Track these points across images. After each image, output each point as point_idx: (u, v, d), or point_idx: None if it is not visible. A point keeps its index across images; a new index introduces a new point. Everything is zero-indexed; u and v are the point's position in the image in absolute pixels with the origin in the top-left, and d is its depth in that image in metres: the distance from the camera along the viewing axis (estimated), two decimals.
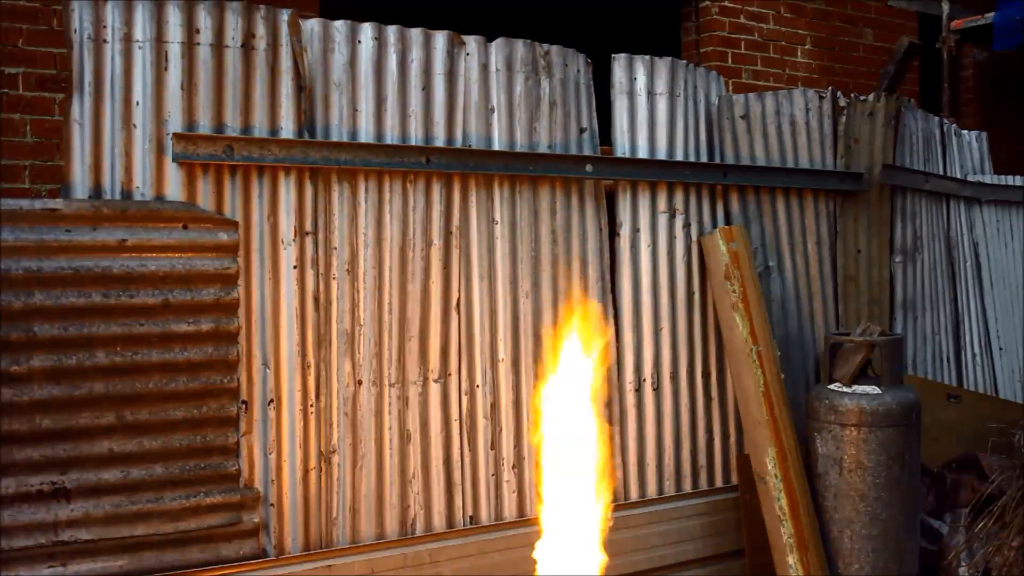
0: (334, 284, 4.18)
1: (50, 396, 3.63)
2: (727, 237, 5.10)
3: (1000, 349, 7.15)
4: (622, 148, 5.00)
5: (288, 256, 4.09)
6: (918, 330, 6.40)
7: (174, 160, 3.88)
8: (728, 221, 5.34)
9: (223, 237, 3.93)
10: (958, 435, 5.86)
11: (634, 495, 4.92)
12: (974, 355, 6.93)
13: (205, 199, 3.93)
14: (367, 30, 4.30)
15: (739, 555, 5.10)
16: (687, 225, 5.18)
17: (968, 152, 7.08)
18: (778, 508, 4.88)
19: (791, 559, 4.83)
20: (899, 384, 5.18)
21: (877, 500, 4.97)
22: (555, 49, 4.76)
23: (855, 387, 5.07)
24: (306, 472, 4.09)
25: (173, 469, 3.85)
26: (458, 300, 4.49)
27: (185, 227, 3.86)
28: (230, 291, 3.94)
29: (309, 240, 4.14)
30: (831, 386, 5.15)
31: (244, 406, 3.98)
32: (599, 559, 3.10)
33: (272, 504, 4.02)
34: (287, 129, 4.11)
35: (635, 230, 5.01)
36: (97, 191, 3.80)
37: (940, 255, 6.65)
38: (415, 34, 4.40)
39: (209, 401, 3.92)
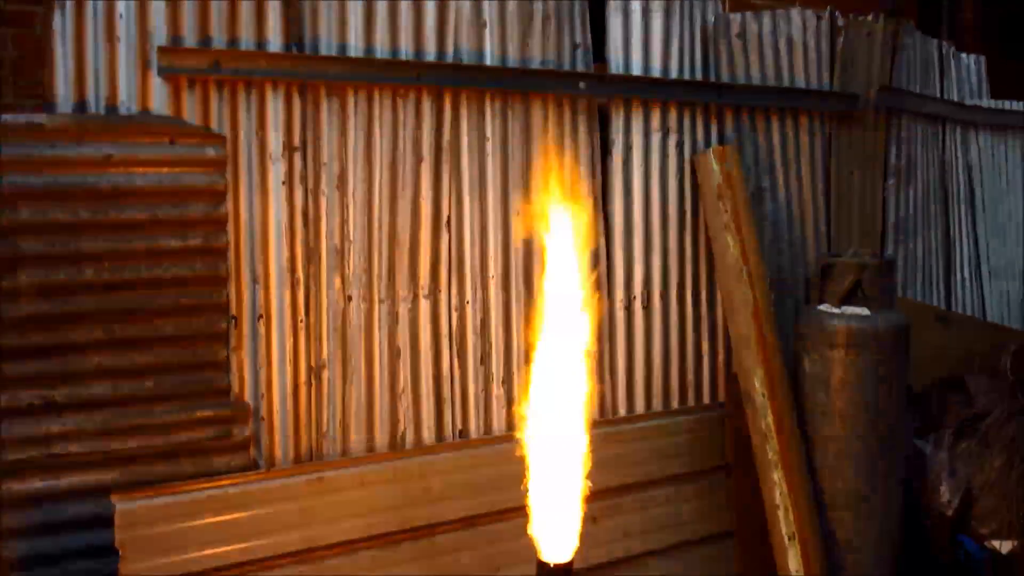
0: (323, 200, 4.17)
1: (39, 312, 3.63)
2: (720, 157, 5.07)
3: (990, 273, 7.17)
4: (616, 65, 4.95)
5: (276, 171, 4.06)
6: (909, 253, 6.41)
7: (159, 74, 3.83)
8: (722, 141, 5.31)
9: (210, 152, 3.91)
10: (946, 357, 5.90)
11: (622, 411, 4.97)
12: (964, 279, 6.96)
13: (192, 114, 3.89)
14: None
15: (725, 471, 5.16)
16: (680, 144, 5.15)
17: (966, 76, 7.02)
18: (764, 426, 4.93)
19: (776, 476, 4.89)
20: (888, 306, 5.20)
21: (863, 420, 5.02)
22: None
23: (844, 308, 5.09)
24: (296, 386, 4.12)
25: (163, 384, 3.87)
26: (448, 217, 4.48)
27: (172, 142, 3.83)
28: (218, 207, 3.93)
29: (298, 156, 4.11)
30: (820, 307, 5.17)
31: (233, 321, 3.99)
32: (586, 474, 3.13)
33: (262, 418, 4.05)
34: (275, 43, 4.06)
35: (627, 148, 4.98)
36: (81, 106, 3.76)
37: (934, 179, 6.63)
38: None
39: (198, 317, 3.92)
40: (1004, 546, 5.11)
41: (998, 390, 5.52)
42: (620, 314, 4.97)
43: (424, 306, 4.42)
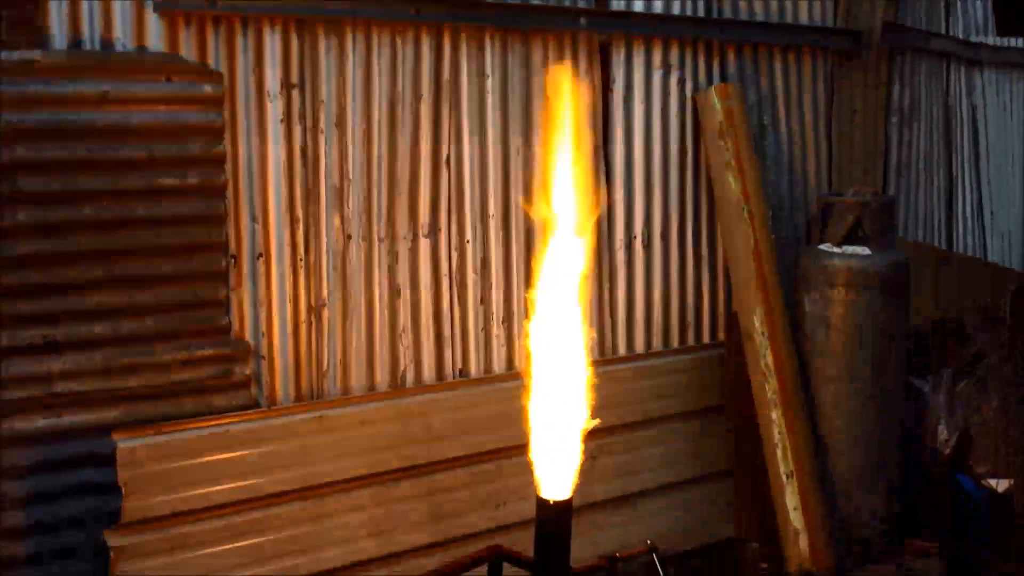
0: (321, 138, 4.13)
1: (37, 250, 3.62)
2: (722, 95, 5.03)
3: (991, 214, 7.15)
4: (617, 1, 4.88)
5: (274, 109, 4.03)
6: (911, 193, 6.38)
7: (155, 10, 3.78)
8: (724, 79, 5.26)
9: (207, 89, 3.86)
10: (945, 298, 5.89)
11: (622, 350, 4.98)
12: (965, 219, 6.93)
13: (188, 51, 3.85)
14: None
15: (724, 410, 5.19)
16: (682, 82, 5.10)
17: (972, 11, 6.93)
18: (763, 365, 4.94)
19: (775, 414, 4.91)
20: (889, 246, 5.19)
21: (862, 359, 5.03)
22: None
23: (845, 248, 5.08)
24: (296, 326, 4.12)
25: (164, 323, 3.86)
26: (448, 156, 4.45)
27: (168, 79, 3.79)
28: (216, 144, 3.89)
29: (296, 93, 4.07)
30: (821, 247, 5.16)
31: (233, 260, 3.98)
32: (585, 412, 3.14)
33: (263, 357, 4.06)
34: None
35: (628, 86, 4.94)
36: (76, 43, 3.70)
37: (937, 118, 6.58)
38: None
39: (198, 255, 3.91)
40: (1000, 485, 5.15)
41: (997, 331, 5.52)
42: (620, 254, 4.96)
43: (424, 245, 4.41)
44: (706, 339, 5.28)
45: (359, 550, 4.16)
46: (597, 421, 3.22)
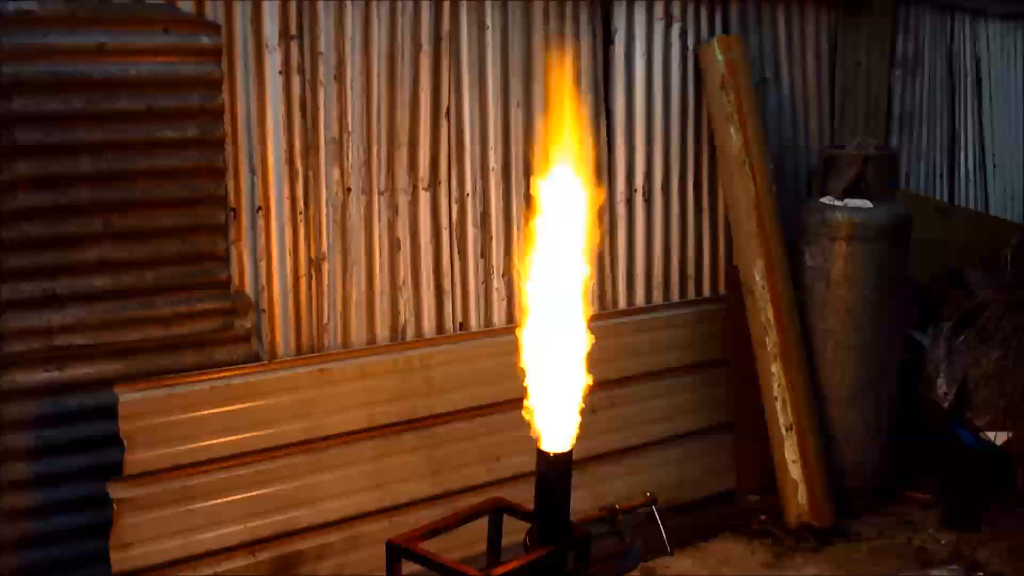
0: (320, 90, 4.10)
1: (36, 203, 3.60)
2: (724, 46, 4.98)
3: (994, 166, 7.12)
4: None
5: (273, 61, 3.99)
6: (913, 145, 6.35)
7: None
8: (726, 30, 5.21)
9: (205, 41, 3.83)
10: (947, 250, 5.89)
11: (622, 304, 4.98)
12: (968, 171, 6.91)
13: (186, 1, 3.80)
14: None
15: (724, 363, 5.20)
16: (684, 33, 5.06)
17: None
18: (764, 318, 4.94)
19: (775, 367, 4.92)
20: (891, 198, 5.17)
21: (862, 312, 5.04)
22: None
23: (847, 200, 5.06)
24: (296, 279, 4.12)
25: (164, 276, 3.86)
26: (448, 108, 4.42)
27: (166, 30, 3.75)
28: (214, 97, 3.86)
29: (294, 45, 4.03)
30: (823, 199, 5.14)
31: (232, 213, 3.96)
32: (585, 366, 3.14)
33: (263, 310, 4.06)
34: None
35: (630, 38, 4.89)
36: None
37: (941, 70, 6.53)
38: None
39: (197, 208, 3.90)
40: (999, 437, 5.17)
41: (998, 283, 5.53)
42: (621, 207, 4.94)
43: (424, 198, 4.39)
44: (707, 292, 5.28)
45: (360, 502, 4.18)
46: (596, 374, 3.22)
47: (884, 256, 5.03)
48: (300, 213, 4.11)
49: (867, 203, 5.03)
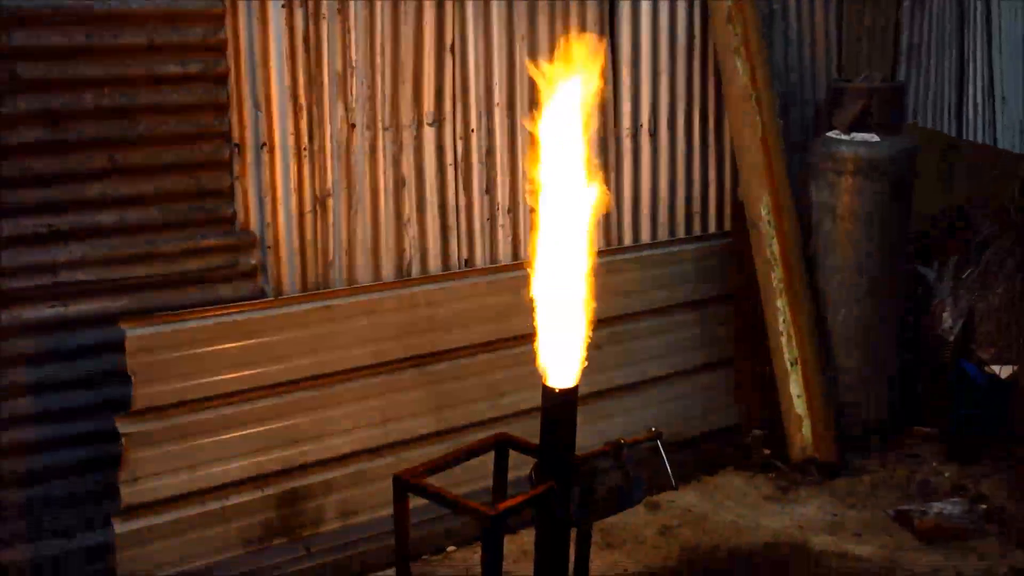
0: (324, 24, 4.05)
1: (39, 139, 3.59)
2: None
3: (1003, 99, 7.05)
4: None
5: None
6: (921, 78, 6.29)
7: None
8: None
9: None
10: (954, 185, 5.86)
11: (627, 240, 4.97)
12: (976, 105, 6.85)
13: None
14: None
15: (730, 299, 5.20)
16: None
17: None
18: (769, 254, 4.93)
19: (780, 303, 4.93)
20: (898, 132, 5.14)
21: (868, 247, 5.03)
22: None
23: (853, 135, 5.02)
24: (301, 215, 4.10)
25: (168, 212, 3.86)
26: (452, 43, 4.37)
27: None
28: (216, 31, 3.83)
29: None
30: (829, 133, 5.11)
31: (236, 149, 3.94)
32: (591, 301, 3.14)
33: (269, 247, 4.05)
34: None
35: None
36: None
37: (950, 1, 6.44)
38: None
39: (201, 144, 3.88)
40: (1004, 371, 5.19)
41: (1004, 218, 5.50)
42: (627, 142, 4.91)
43: (428, 134, 4.36)
44: (712, 228, 5.26)
45: (366, 438, 4.21)
46: (601, 311, 3.22)
47: (890, 190, 5.01)
48: (304, 149, 4.08)
49: (874, 137, 4.99)
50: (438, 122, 4.38)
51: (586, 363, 3.04)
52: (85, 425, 3.78)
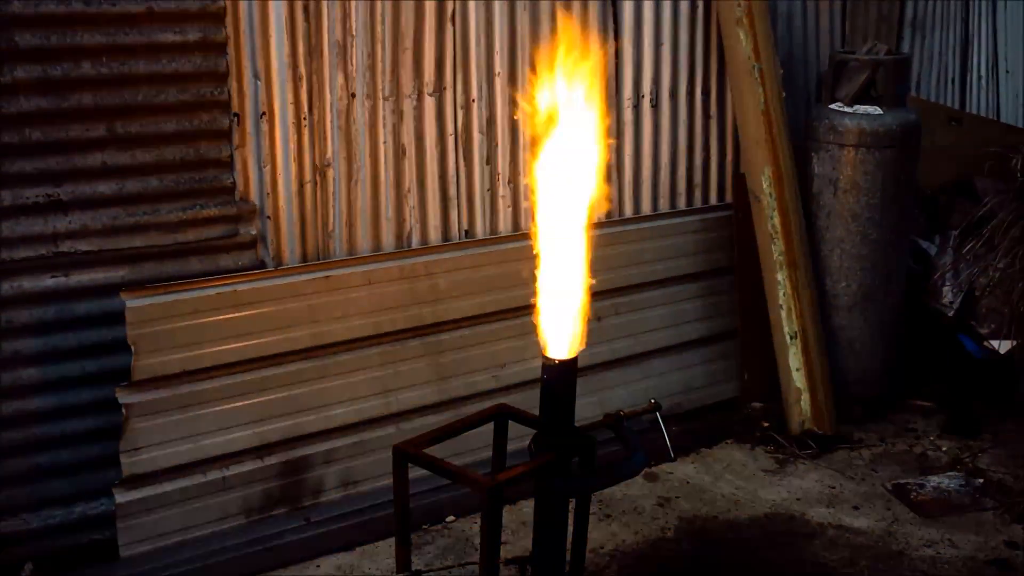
0: None
1: (37, 108, 3.57)
2: None
3: (1007, 72, 7.01)
4: None
5: None
6: (925, 50, 6.25)
7: None
8: None
9: None
10: (956, 158, 5.83)
11: (628, 211, 4.96)
12: (980, 77, 6.81)
13: None
14: None
15: (730, 272, 5.20)
16: None
17: None
18: (770, 226, 4.92)
19: (780, 276, 4.92)
20: (901, 105, 5.11)
21: (869, 220, 5.02)
22: None
23: (856, 107, 5.00)
24: (301, 185, 4.09)
25: (168, 182, 3.85)
26: (453, 11, 4.34)
27: None
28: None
29: None
30: (832, 106, 5.08)
31: (236, 119, 3.92)
32: (591, 273, 3.13)
33: (269, 217, 4.04)
34: None
35: None
36: None
37: None
38: None
39: (200, 114, 3.86)
40: (1003, 346, 5.19)
41: (1007, 192, 5.48)
42: (628, 113, 4.89)
43: (429, 103, 4.34)
44: (714, 200, 5.25)
45: (366, 408, 4.22)
46: (602, 282, 3.21)
47: (893, 164, 4.99)
48: (304, 118, 4.06)
49: (877, 109, 4.97)
50: (439, 92, 4.35)
51: (587, 334, 3.03)
52: (86, 395, 3.78)
